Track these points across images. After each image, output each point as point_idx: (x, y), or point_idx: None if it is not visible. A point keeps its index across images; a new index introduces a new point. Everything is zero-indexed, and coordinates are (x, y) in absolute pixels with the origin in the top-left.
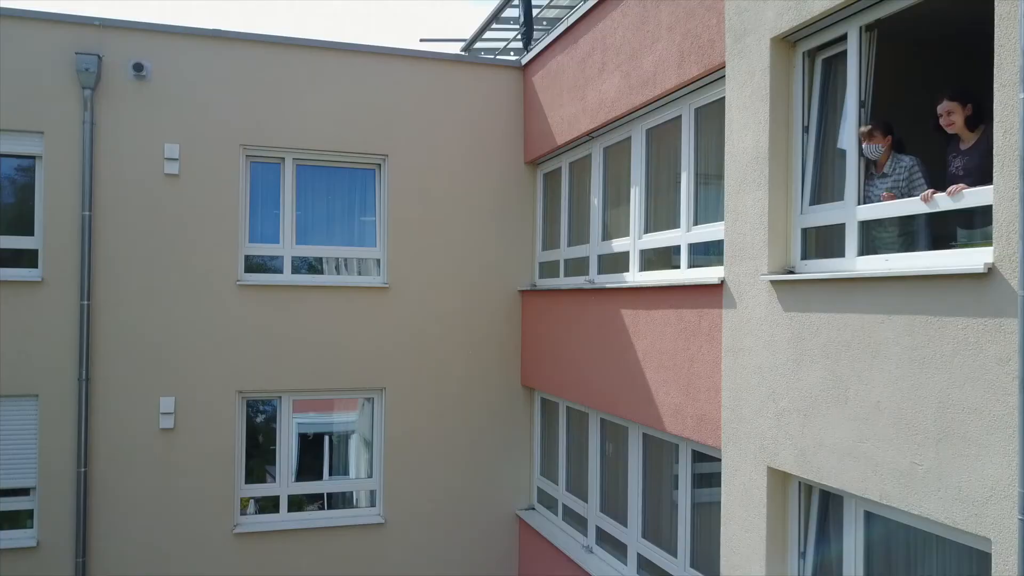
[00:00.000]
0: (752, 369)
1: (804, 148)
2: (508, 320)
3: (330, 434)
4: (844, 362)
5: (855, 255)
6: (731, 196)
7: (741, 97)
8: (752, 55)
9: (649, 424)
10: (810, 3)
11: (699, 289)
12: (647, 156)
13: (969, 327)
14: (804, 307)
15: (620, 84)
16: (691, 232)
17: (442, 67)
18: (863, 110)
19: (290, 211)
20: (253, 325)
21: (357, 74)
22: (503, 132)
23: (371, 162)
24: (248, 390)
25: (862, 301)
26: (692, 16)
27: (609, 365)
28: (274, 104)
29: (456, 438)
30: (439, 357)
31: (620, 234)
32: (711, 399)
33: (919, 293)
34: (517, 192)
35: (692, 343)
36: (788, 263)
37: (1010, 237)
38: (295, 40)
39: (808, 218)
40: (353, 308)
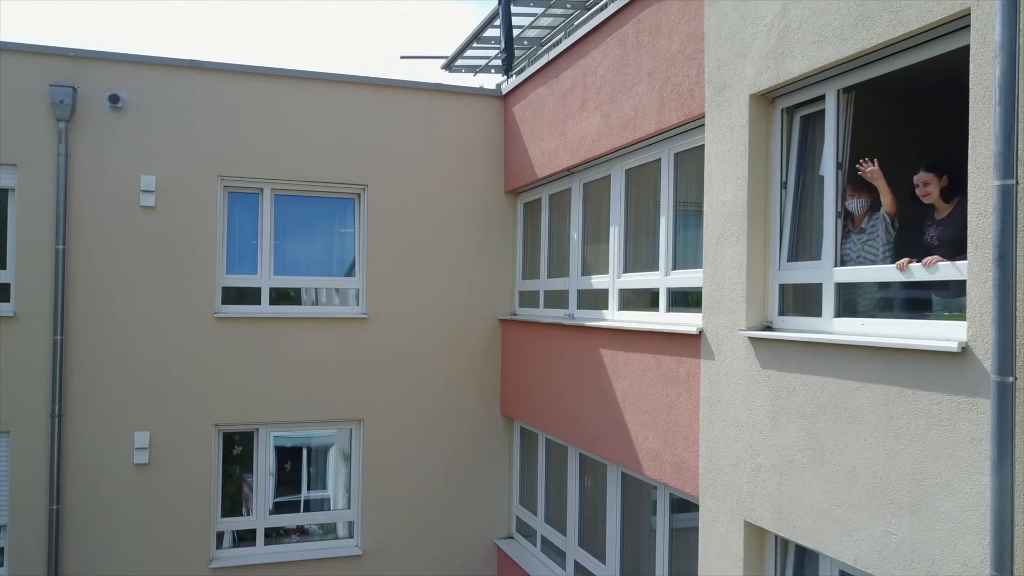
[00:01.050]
0: (730, 422)
1: (782, 204)
2: (488, 349)
3: (308, 447)
4: (821, 424)
5: (832, 316)
6: (710, 248)
7: (720, 151)
8: (731, 109)
9: (628, 466)
10: (788, 64)
11: (678, 337)
12: (626, 196)
13: (943, 403)
14: (781, 366)
15: (600, 124)
16: (670, 276)
17: (422, 96)
18: (841, 172)
19: (268, 241)
20: (230, 357)
21: (336, 104)
22: (483, 161)
23: (351, 192)
24: (225, 423)
25: (839, 366)
26: (672, 64)
27: (589, 403)
28: (252, 134)
29: (435, 467)
30: (418, 387)
31: (599, 271)
32: (689, 448)
33: (895, 364)
34: (497, 221)
35: (671, 390)
36: (766, 318)
37: (983, 319)
38: (273, 70)
39: (786, 274)
40: (332, 339)
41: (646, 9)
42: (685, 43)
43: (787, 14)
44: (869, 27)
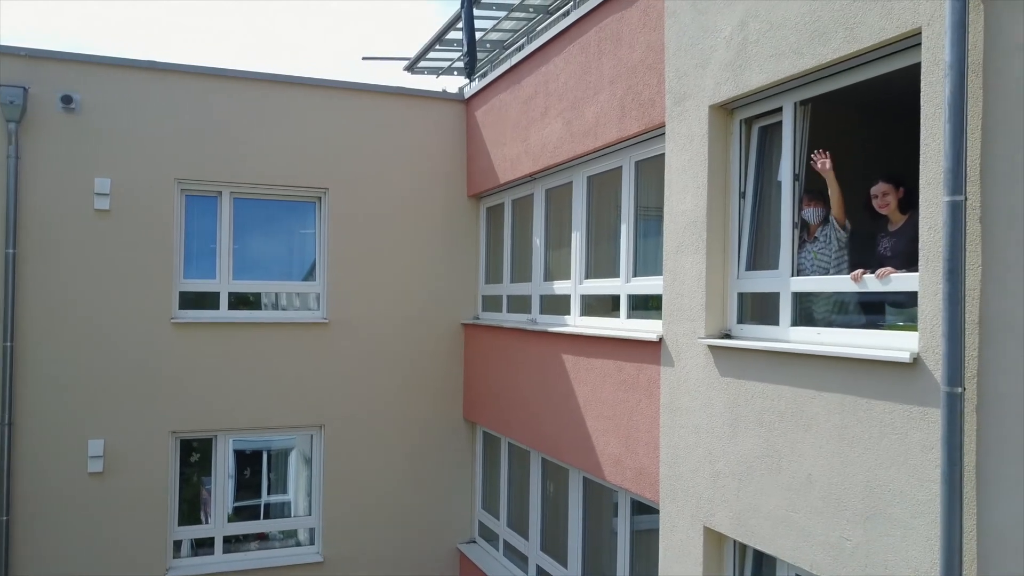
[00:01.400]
0: (690, 429)
1: (741, 213)
2: (451, 353)
3: (269, 451)
4: (778, 432)
5: (789, 325)
6: (669, 256)
7: (680, 160)
8: (691, 119)
9: (590, 471)
10: (747, 77)
11: (638, 344)
12: (588, 203)
13: (896, 412)
14: (740, 374)
15: (562, 131)
16: (630, 283)
17: (384, 100)
18: (797, 183)
19: (227, 245)
20: (188, 363)
21: (297, 106)
22: (446, 165)
23: (311, 195)
24: (182, 430)
25: (795, 375)
26: (634, 73)
27: (551, 408)
28: (210, 137)
29: (397, 472)
30: (380, 392)
31: (562, 276)
32: (650, 454)
33: (849, 373)
34: (460, 225)
35: (631, 396)
36: (724, 326)
37: (934, 330)
38: (232, 72)
39: (744, 283)
40: (292, 344)
41: (608, 17)
42: (646, 52)
43: (745, 27)
44: (825, 43)
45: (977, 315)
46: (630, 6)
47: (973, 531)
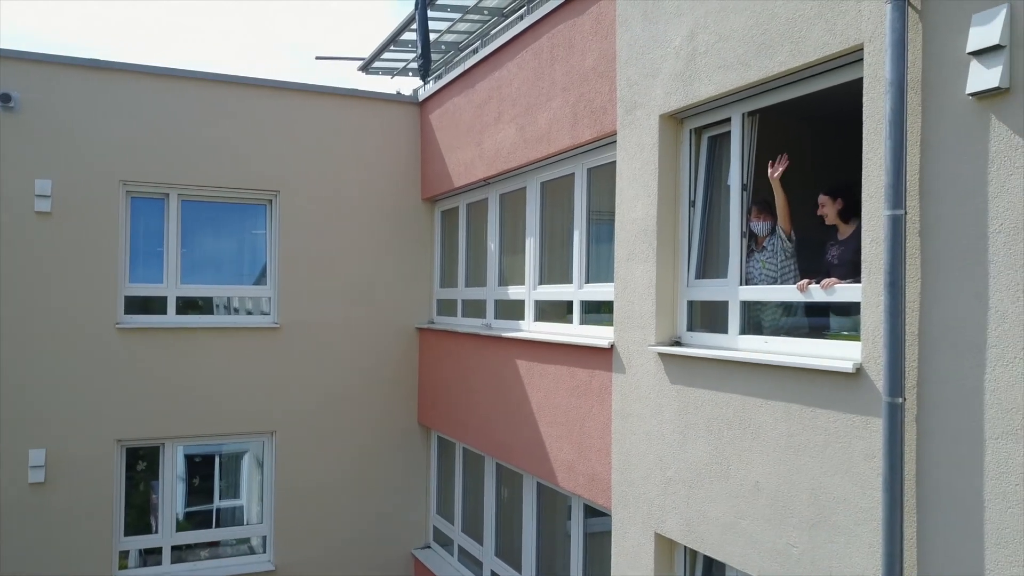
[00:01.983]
0: (641, 435)
1: (690, 222)
2: (405, 357)
3: (220, 455)
4: (726, 440)
5: (737, 333)
6: (621, 264)
7: (631, 168)
8: (642, 128)
9: (543, 477)
10: (696, 88)
11: (591, 350)
12: (542, 208)
13: (839, 421)
14: (689, 381)
15: (515, 136)
16: (583, 289)
17: (337, 101)
18: (746, 193)
19: (175, 249)
20: (134, 370)
21: (247, 108)
22: (400, 168)
23: (262, 198)
24: (128, 438)
25: (743, 383)
26: (586, 80)
27: (505, 413)
28: (157, 138)
29: (350, 478)
30: (333, 397)
31: (516, 281)
32: (602, 460)
33: (795, 382)
34: (414, 228)
35: (584, 402)
36: (675, 333)
37: (876, 341)
38: (180, 72)
39: (694, 291)
40: (242, 349)
41: (560, 24)
42: (598, 60)
43: (694, 38)
44: (771, 56)
45: (917, 327)
46: (582, 13)
47: (913, 538)
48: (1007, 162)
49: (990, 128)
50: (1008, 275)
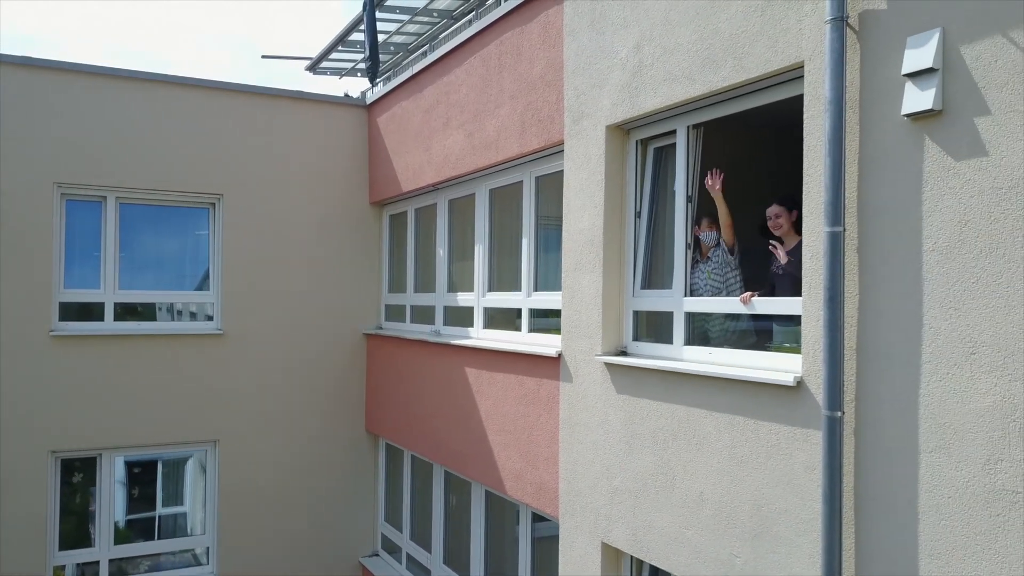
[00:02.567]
0: (588, 444)
1: (636, 233)
2: (352, 364)
3: (161, 461)
4: (671, 450)
5: (682, 344)
6: (568, 273)
7: (578, 179)
8: (589, 138)
9: (492, 486)
10: (642, 100)
11: (538, 359)
12: (490, 215)
13: (781, 433)
14: (635, 391)
15: (464, 143)
16: (531, 297)
17: (282, 103)
18: (690, 205)
19: (113, 253)
20: (69, 378)
21: (189, 109)
22: (347, 171)
23: (204, 201)
24: (63, 449)
25: (688, 394)
26: (533, 89)
27: (454, 421)
28: (94, 139)
29: (297, 486)
30: (278, 403)
31: (465, 288)
32: (549, 469)
33: (738, 394)
34: (362, 232)
35: (532, 411)
36: (621, 343)
37: (816, 355)
38: (119, 71)
39: (640, 301)
40: (184, 357)
41: (508, 32)
42: (546, 69)
43: (640, 51)
44: (715, 70)
45: (855, 342)
46: (530, 21)
47: (852, 549)
48: (940, 183)
49: (924, 149)
50: (941, 293)
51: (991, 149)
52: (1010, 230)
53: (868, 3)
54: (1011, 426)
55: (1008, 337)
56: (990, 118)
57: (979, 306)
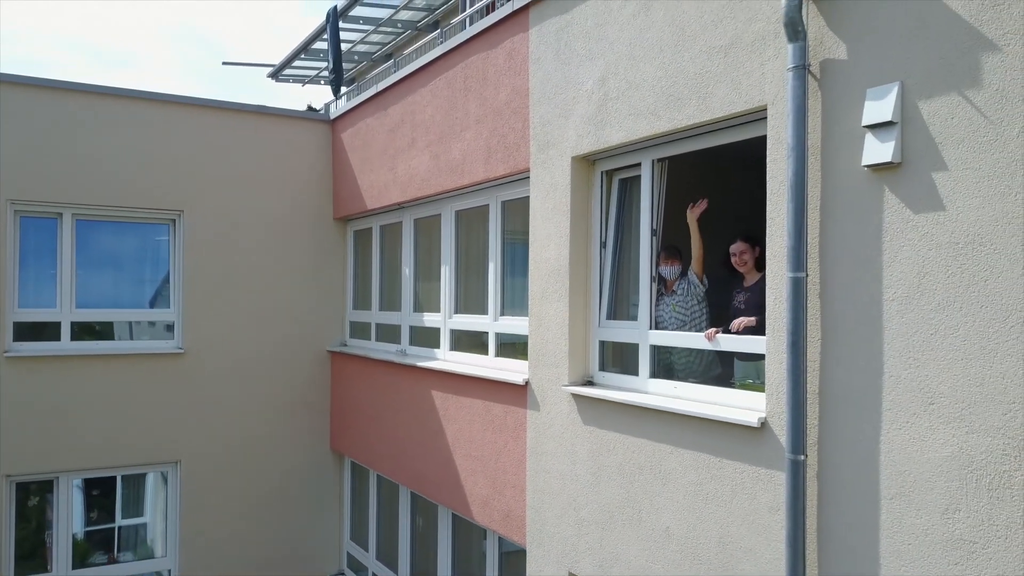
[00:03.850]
0: (555, 474)
1: (602, 263)
2: (317, 381)
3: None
4: (638, 484)
5: (648, 376)
6: (535, 301)
7: (544, 207)
8: (554, 168)
9: (458, 511)
10: (607, 133)
11: (506, 386)
12: (456, 237)
13: (745, 472)
14: (602, 423)
15: (430, 164)
16: (498, 322)
17: (244, 118)
18: (655, 238)
19: (69, 271)
20: (24, 400)
21: (147, 123)
22: (311, 186)
23: (164, 217)
24: (18, 473)
25: (653, 429)
26: (499, 115)
27: (420, 444)
28: (49, 154)
29: (261, 505)
30: (242, 422)
31: (431, 308)
32: (517, 497)
33: (703, 432)
34: (326, 248)
35: (499, 437)
36: (587, 373)
37: (779, 397)
38: (73, 85)
39: (606, 332)
40: (144, 376)
41: (473, 56)
42: (511, 96)
43: (606, 83)
44: (679, 108)
45: (818, 386)
46: (496, 47)
47: None
48: (899, 234)
49: (884, 200)
50: (901, 342)
51: (948, 204)
52: (967, 285)
53: (829, 52)
54: (969, 477)
55: (965, 389)
56: (947, 173)
57: (937, 357)
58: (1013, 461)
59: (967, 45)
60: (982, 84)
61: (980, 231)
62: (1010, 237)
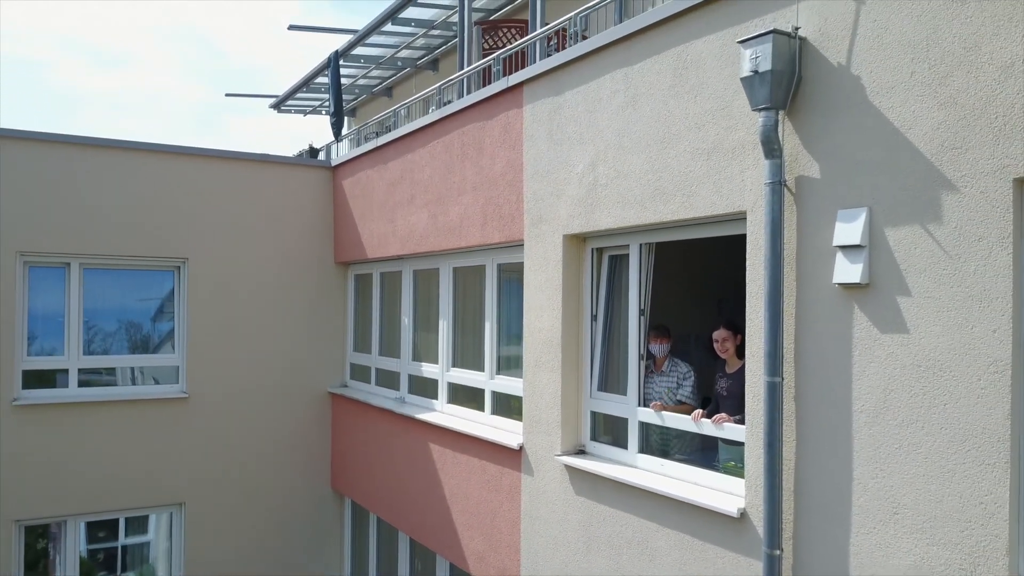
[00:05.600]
0: (548, 539)
1: (593, 335)
2: (317, 422)
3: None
4: (626, 557)
5: (636, 451)
6: (529, 369)
7: (538, 279)
8: (547, 242)
9: (455, 562)
10: (597, 216)
11: (502, 448)
12: (454, 292)
13: (727, 559)
14: (593, 495)
15: (428, 222)
16: (494, 380)
17: (246, 166)
18: (643, 317)
19: (77, 319)
20: (33, 446)
21: (152, 173)
22: (312, 230)
23: (169, 265)
24: (27, 517)
25: (641, 507)
26: (495, 185)
27: (418, 494)
28: (57, 206)
29: (264, 544)
30: (245, 463)
31: (430, 359)
32: (511, 556)
33: (688, 515)
34: (327, 291)
35: (495, 497)
36: (579, 441)
37: (757, 490)
38: (79, 138)
39: (596, 403)
40: (150, 421)
41: (470, 124)
42: (507, 168)
43: (596, 169)
44: (665, 202)
45: (793, 483)
46: (491, 118)
47: None
48: (867, 351)
49: (853, 316)
50: (868, 453)
51: (912, 328)
52: (928, 406)
53: (804, 170)
54: None
55: (927, 504)
56: (911, 299)
57: (901, 470)
58: (968, 575)
59: (930, 181)
60: (943, 220)
61: (940, 357)
62: (967, 367)
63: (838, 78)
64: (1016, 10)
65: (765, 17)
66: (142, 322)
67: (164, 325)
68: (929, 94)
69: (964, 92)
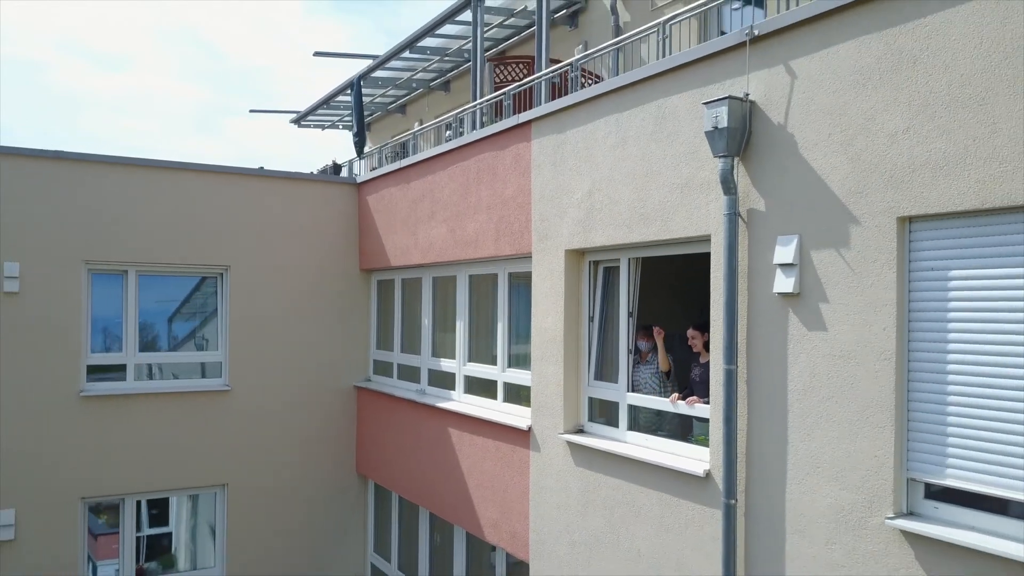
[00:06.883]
0: (552, 504)
1: (590, 334)
2: (344, 412)
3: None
4: (617, 515)
5: (625, 429)
6: (536, 362)
7: (543, 287)
8: (552, 256)
9: (472, 531)
10: (593, 236)
11: (512, 430)
12: (470, 297)
13: (695, 510)
14: (589, 466)
15: (447, 235)
16: (506, 373)
17: (281, 184)
18: (631, 319)
19: (133, 320)
20: (96, 432)
21: (198, 190)
22: (339, 241)
23: (214, 271)
24: (91, 496)
25: (629, 473)
26: (506, 206)
27: (438, 473)
28: (116, 220)
29: (296, 521)
30: (279, 451)
31: (448, 355)
32: (521, 521)
33: (665, 477)
34: (352, 294)
35: (507, 471)
36: (579, 422)
37: (718, 455)
38: (135, 160)
39: (593, 390)
40: (196, 410)
41: (484, 153)
42: (517, 192)
43: (592, 196)
44: (647, 226)
45: (744, 449)
46: (504, 149)
47: None
48: (798, 344)
49: (788, 318)
50: (798, 422)
51: (830, 327)
52: (840, 386)
53: (754, 204)
54: (840, 520)
55: (840, 459)
56: (829, 305)
57: (822, 435)
58: (868, 511)
59: (841, 216)
60: (850, 245)
61: (849, 349)
62: (866, 356)
63: (778, 134)
64: (901, 94)
65: (724, 83)
66: (190, 322)
67: (209, 325)
68: (840, 151)
69: (864, 151)
